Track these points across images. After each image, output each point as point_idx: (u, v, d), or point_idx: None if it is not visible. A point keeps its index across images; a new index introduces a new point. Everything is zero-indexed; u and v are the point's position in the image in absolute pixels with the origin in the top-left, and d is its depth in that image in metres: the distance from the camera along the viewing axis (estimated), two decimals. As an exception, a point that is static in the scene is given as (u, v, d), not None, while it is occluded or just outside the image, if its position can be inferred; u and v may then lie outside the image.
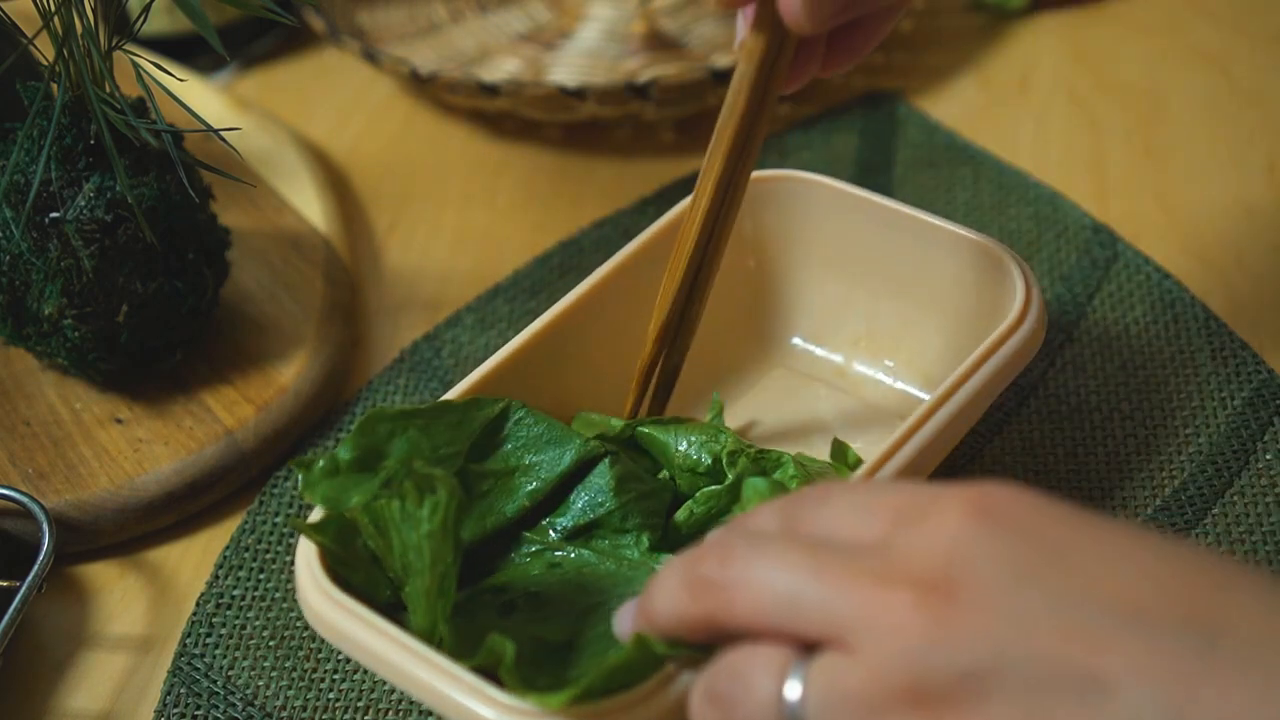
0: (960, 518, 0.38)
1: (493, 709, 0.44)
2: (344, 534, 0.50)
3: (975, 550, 0.37)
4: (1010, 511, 0.38)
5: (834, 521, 0.41)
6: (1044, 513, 0.38)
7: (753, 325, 0.65)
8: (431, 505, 0.47)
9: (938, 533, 0.38)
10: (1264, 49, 0.82)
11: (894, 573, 0.38)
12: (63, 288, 0.60)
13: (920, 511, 0.39)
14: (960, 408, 0.53)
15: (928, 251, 0.60)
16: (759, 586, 0.40)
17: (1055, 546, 0.37)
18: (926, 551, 0.38)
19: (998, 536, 0.38)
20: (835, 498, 0.41)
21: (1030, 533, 0.38)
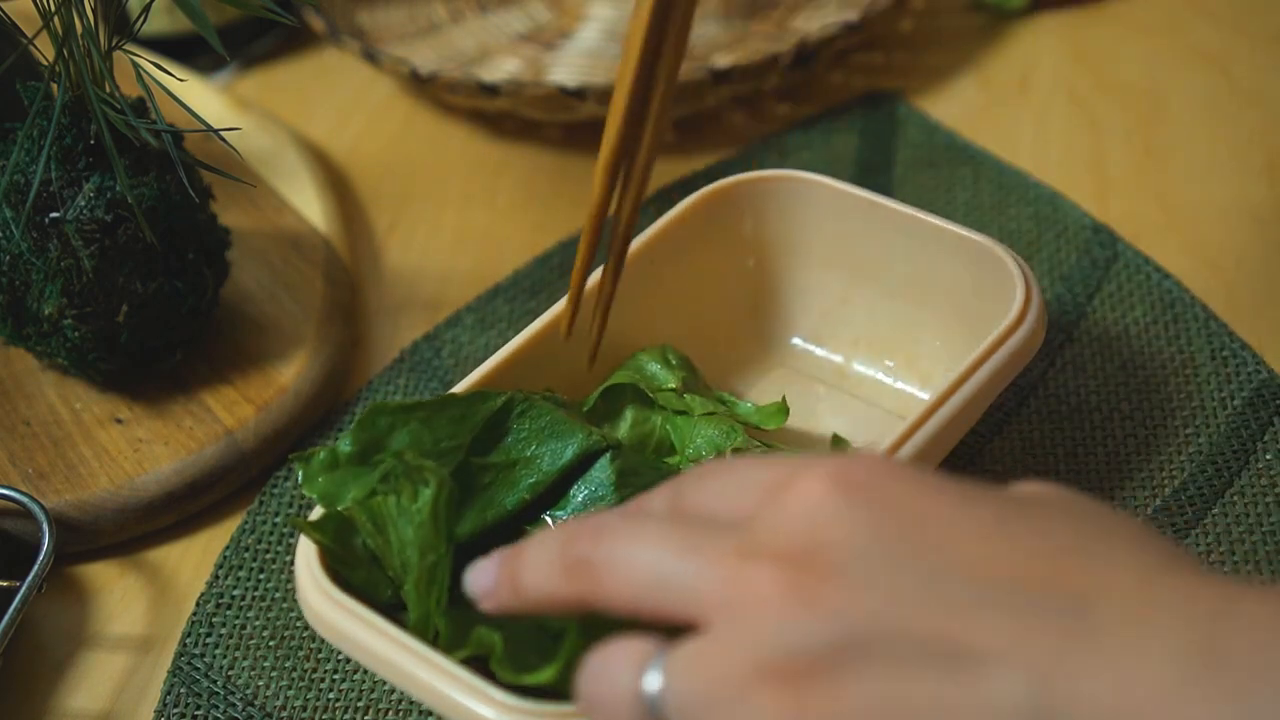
0: (822, 490, 0.37)
1: (492, 708, 0.44)
2: (343, 533, 0.50)
3: (837, 522, 0.37)
4: (872, 482, 0.37)
5: (712, 499, 0.40)
6: (906, 482, 0.38)
7: (753, 325, 0.65)
8: (420, 496, 0.48)
9: (800, 505, 0.37)
10: (1264, 49, 0.82)
11: (755, 547, 0.37)
12: (63, 288, 0.60)
13: (784, 485, 0.38)
14: (960, 408, 0.53)
15: (928, 252, 0.60)
16: (625, 565, 0.39)
17: (920, 517, 0.37)
18: (788, 525, 0.37)
19: (860, 507, 0.37)
20: (714, 475, 0.41)
21: (893, 503, 0.37)
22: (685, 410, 0.57)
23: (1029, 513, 0.37)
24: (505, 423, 0.54)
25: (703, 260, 0.63)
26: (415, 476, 0.48)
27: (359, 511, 0.49)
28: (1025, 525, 0.37)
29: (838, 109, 0.80)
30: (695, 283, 0.63)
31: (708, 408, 0.57)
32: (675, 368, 0.59)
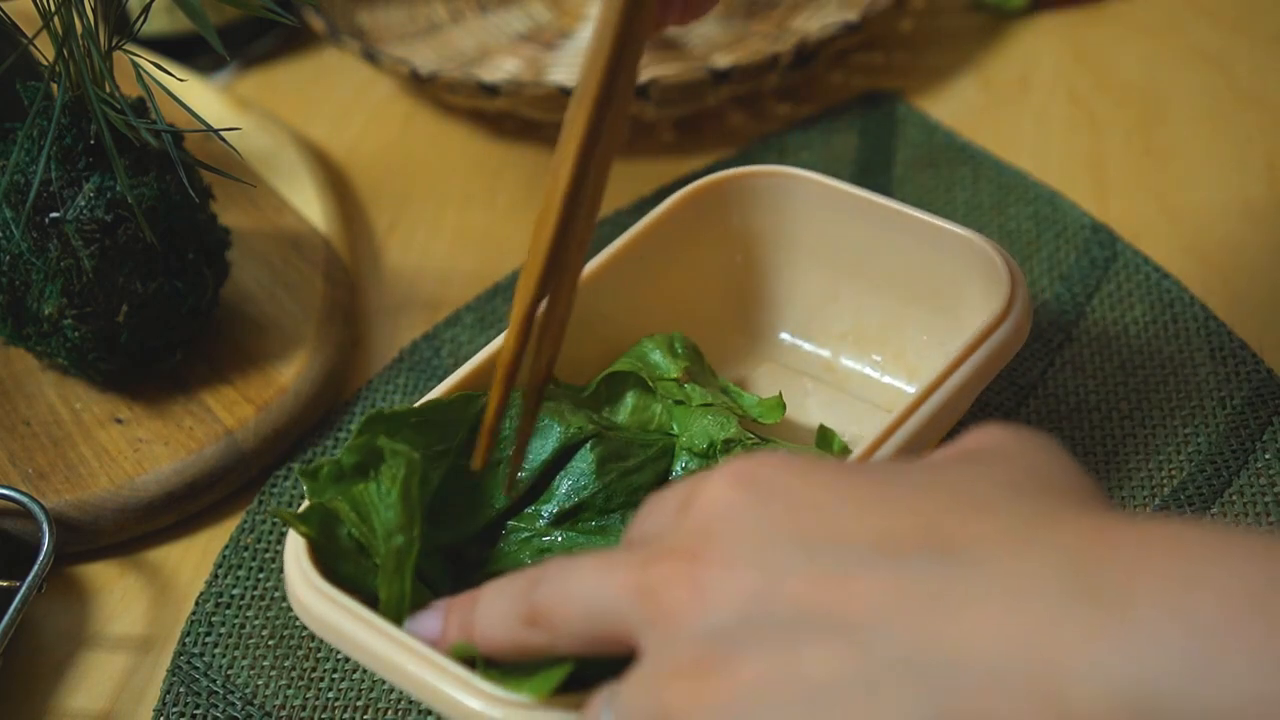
0: (721, 489, 0.38)
1: (479, 700, 0.44)
2: (328, 524, 0.50)
3: (729, 515, 0.38)
4: (764, 475, 0.38)
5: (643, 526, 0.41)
6: (801, 473, 0.38)
7: (740, 320, 0.65)
8: (391, 478, 0.48)
9: (701, 508, 0.38)
10: (1264, 49, 0.82)
11: (659, 553, 0.38)
12: (63, 288, 0.60)
13: (692, 493, 0.39)
14: (945, 401, 0.53)
15: (914, 246, 0.61)
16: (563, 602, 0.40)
17: (807, 500, 0.37)
18: (688, 526, 0.38)
19: (750, 498, 0.38)
20: (649, 503, 0.42)
21: (782, 490, 0.38)
22: (684, 400, 0.58)
23: (926, 475, 0.38)
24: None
25: (691, 255, 0.63)
26: (391, 461, 0.49)
27: (342, 502, 0.50)
28: (912, 491, 0.37)
29: (837, 109, 0.80)
30: (684, 277, 0.63)
31: (706, 399, 0.58)
32: (680, 356, 0.59)
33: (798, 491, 0.38)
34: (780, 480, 0.38)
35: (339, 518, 0.50)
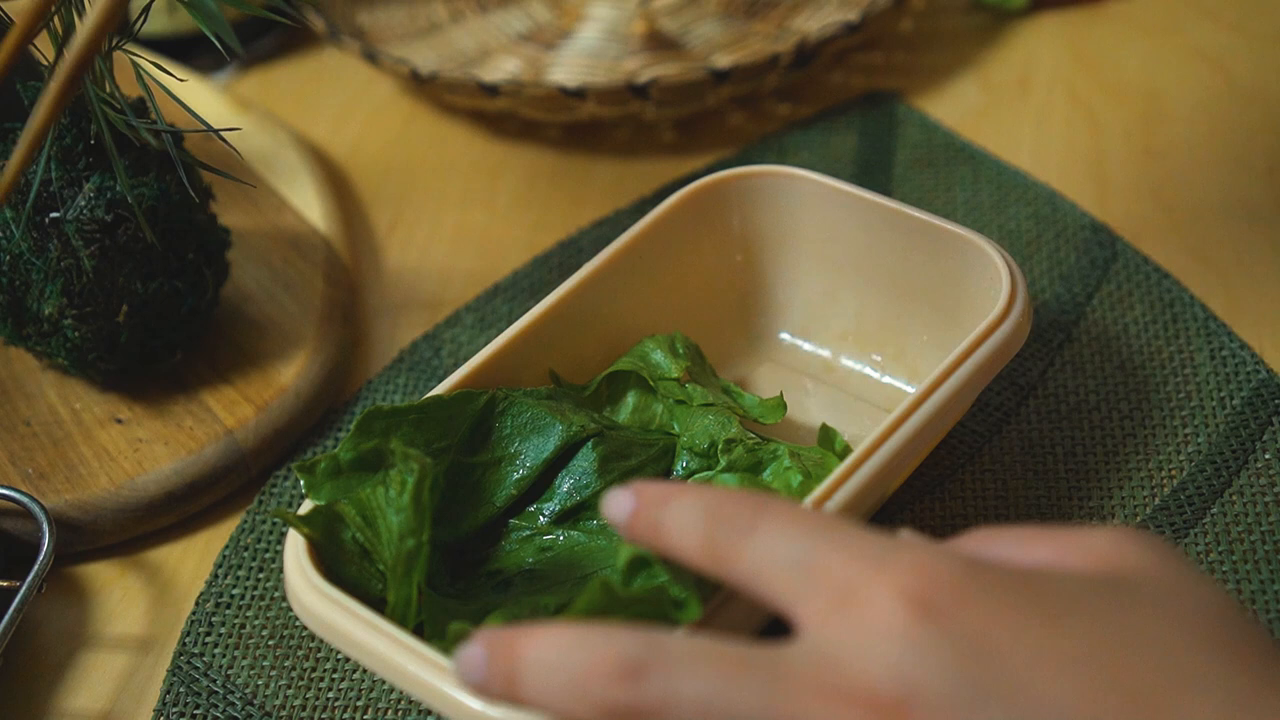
0: (895, 613, 0.36)
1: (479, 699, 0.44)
2: (333, 527, 0.50)
3: (923, 664, 0.36)
4: (950, 607, 0.37)
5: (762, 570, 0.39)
6: (984, 604, 0.37)
7: (740, 320, 0.65)
8: (401, 482, 0.48)
9: (876, 632, 0.36)
10: (1264, 49, 0.82)
11: (841, 687, 0.36)
12: (63, 288, 0.60)
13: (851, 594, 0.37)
14: (945, 401, 0.53)
15: (914, 246, 0.61)
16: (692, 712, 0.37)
17: (1003, 655, 0.36)
18: (872, 662, 0.36)
19: (942, 647, 0.36)
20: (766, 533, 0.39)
21: (975, 635, 0.36)
22: (685, 400, 0.58)
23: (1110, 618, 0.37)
24: (489, 420, 0.55)
25: (691, 255, 0.63)
26: (403, 465, 0.49)
27: (348, 505, 0.50)
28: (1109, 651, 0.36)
29: (837, 109, 0.80)
30: (684, 277, 0.63)
31: (707, 398, 0.58)
32: (681, 356, 0.59)
33: (991, 638, 0.36)
34: (969, 618, 0.36)
35: (343, 520, 0.50)
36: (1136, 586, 0.38)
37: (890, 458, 0.51)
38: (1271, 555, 0.56)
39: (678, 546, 0.41)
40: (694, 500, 0.41)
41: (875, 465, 0.51)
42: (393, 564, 0.48)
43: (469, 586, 0.53)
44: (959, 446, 0.61)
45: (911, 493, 0.60)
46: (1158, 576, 0.38)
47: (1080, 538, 0.39)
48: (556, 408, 0.56)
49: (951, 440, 0.62)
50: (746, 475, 0.55)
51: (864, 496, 0.50)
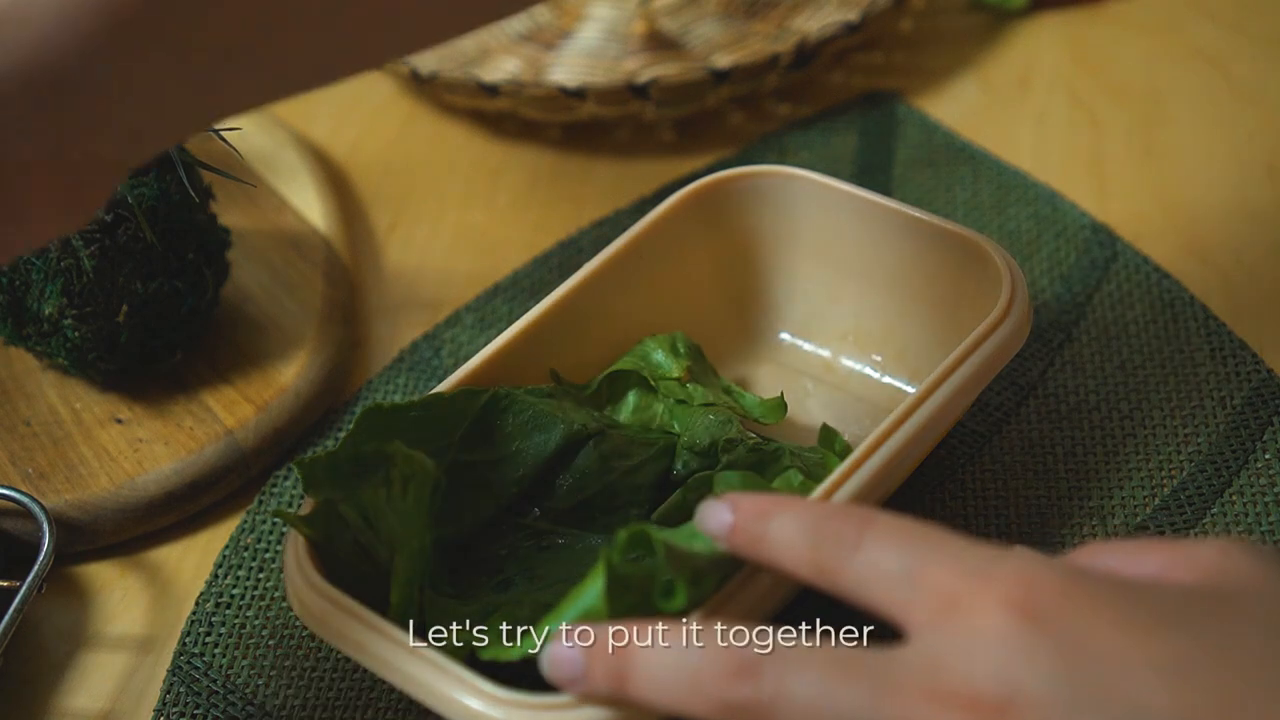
0: (1004, 620, 0.37)
1: (479, 700, 0.44)
2: (334, 528, 0.50)
3: (1026, 667, 0.37)
4: (1053, 612, 0.37)
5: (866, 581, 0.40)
6: (1087, 610, 0.38)
7: (740, 320, 0.65)
8: (403, 484, 0.48)
9: (982, 636, 0.37)
10: (1264, 49, 0.82)
11: (946, 690, 0.37)
12: (63, 288, 0.60)
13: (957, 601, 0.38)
14: (946, 401, 0.53)
15: (914, 246, 0.61)
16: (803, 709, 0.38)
17: (1104, 659, 0.37)
18: (975, 662, 0.37)
19: (1045, 651, 0.37)
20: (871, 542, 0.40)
21: (1078, 641, 0.37)
22: (685, 400, 0.58)
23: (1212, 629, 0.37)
24: (490, 419, 0.55)
25: (691, 255, 0.63)
26: (406, 468, 0.48)
27: (349, 506, 0.50)
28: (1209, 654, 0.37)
29: (837, 109, 0.80)
30: (683, 277, 0.63)
31: (708, 398, 0.58)
32: (682, 356, 0.59)
33: (1093, 643, 0.37)
34: (1072, 624, 0.37)
35: (344, 521, 0.50)
36: (1239, 597, 0.39)
37: (890, 458, 0.51)
38: (1271, 555, 0.56)
39: (782, 559, 0.42)
40: (796, 514, 0.42)
41: (875, 465, 0.51)
42: (396, 564, 0.48)
43: (469, 586, 0.53)
44: (959, 446, 0.61)
45: (911, 493, 0.60)
46: (1262, 588, 0.39)
47: (1187, 548, 0.40)
48: (558, 406, 0.56)
49: (951, 440, 0.62)
50: (749, 474, 0.55)
51: (864, 497, 0.50)
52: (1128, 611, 0.38)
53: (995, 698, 0.37)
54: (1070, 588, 0.38)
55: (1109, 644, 0.37)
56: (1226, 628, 0.38)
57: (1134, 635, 0.37)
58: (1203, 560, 0.40)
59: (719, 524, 0.44)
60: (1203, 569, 0.39)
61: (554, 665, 0.43)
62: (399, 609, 0.48)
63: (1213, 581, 0.39)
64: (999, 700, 0.37)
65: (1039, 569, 0.38)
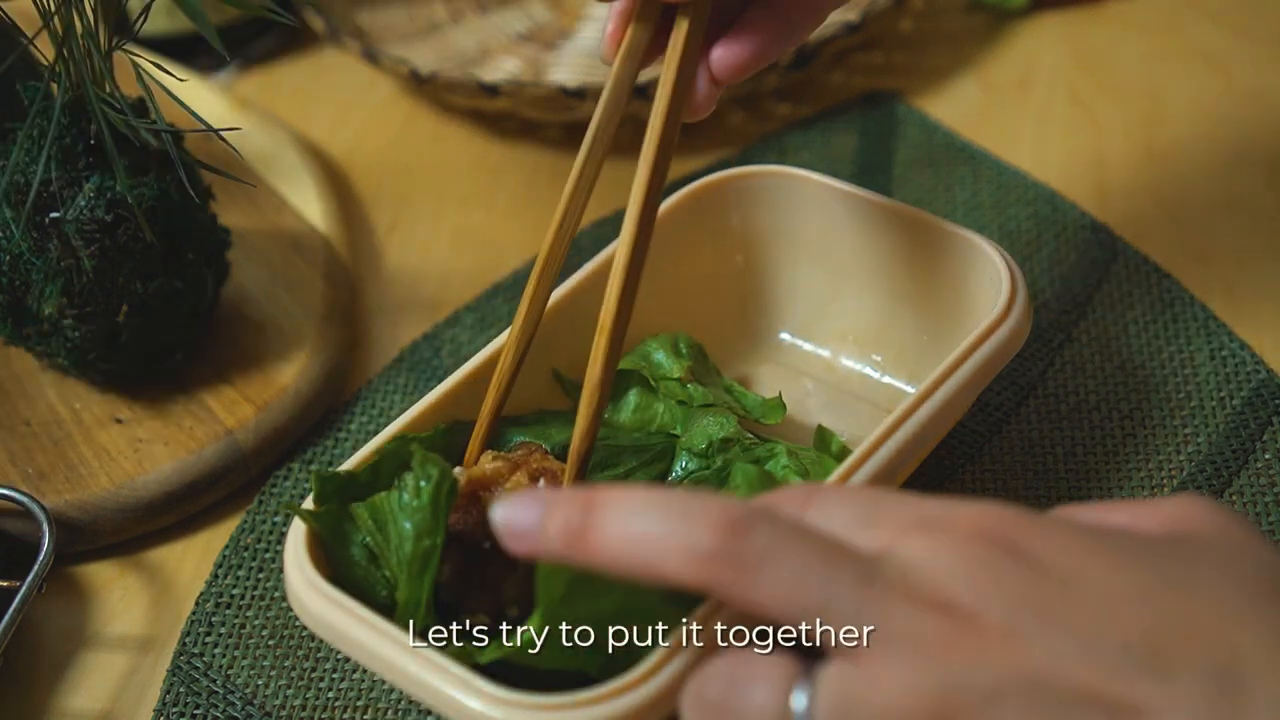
0: (971, 542, 0.38)
1: (479, 700, 0.44)
2: (342, 528, 0.50)
3: (994, 586, 0.37)
4: (1018, 538, 0.38)
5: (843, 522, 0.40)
6: (1051, 539, 0.38)
7: (740, 320, 0.65)
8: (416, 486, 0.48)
9: (952, 552, 0.38)
10: (1264, 49, 0.82)
11: (915, 590, 0.38)
12: (63, 288, 0.60)
13: (926, 522, 0.39)
14: (945, 401, 0.53)
15: (914, 246, 0.61)
16: (787, 578, 0.38)
17: (1074, 576, 0.38)
18: (950, 574, 0.38)
19: (1013, 568, 0.38)
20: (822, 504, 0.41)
21: (1043, 564, 0.38)
22: (685, 400, 0.58)
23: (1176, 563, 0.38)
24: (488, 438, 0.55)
25: (691, 255, 0.63)
26: (419, 470, 0.49)
27: (360, 508, 0.50)
28: (1172, 582, 0.38)
29: (837, 109, 0.80)
30: (684, 278, 0.63)
31: (708, 398, 0.58)
32: (684, 356, 0.60)
33: (1061, 564, 0.38)
34: (1040, 548, 0.38)
35: (354, 522, 0.50)
36: (1201, 542, 0.39)
37: (891, 458, 0.51)
38: (1271, 555, 0.56)
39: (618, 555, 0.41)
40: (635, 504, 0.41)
41: (875, 465, 0.51)
42: (407, 562, 0.48)
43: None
44: (959, 446, 0.61)
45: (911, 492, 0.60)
46: (1223, 538, 0.40)
47: (1152, 503, 0.41)
48: (543, 432, 0.56)
49: (951, 440, 0.61)
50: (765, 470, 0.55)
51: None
52: (1094, 546, 0.38)
53: (967, 609, 0.37)
54: (1038, 524, 0.39)
55: (1076, 571, 0.38)
56: (1189, 566, 0.38)
57: (1100, 565, 0.38)
58: (1166, 513, 0.41)
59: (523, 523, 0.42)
60: (1167, 520, 0.40)
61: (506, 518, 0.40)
62: (407, 607, 0.48)
63: (1177, 530, 0.40)
64: (970, 612, 0.37)
65: (1006, 508, 0.39)
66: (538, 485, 0.52)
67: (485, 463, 0.53)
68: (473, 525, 0.51)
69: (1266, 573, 0.38)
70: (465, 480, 0.51)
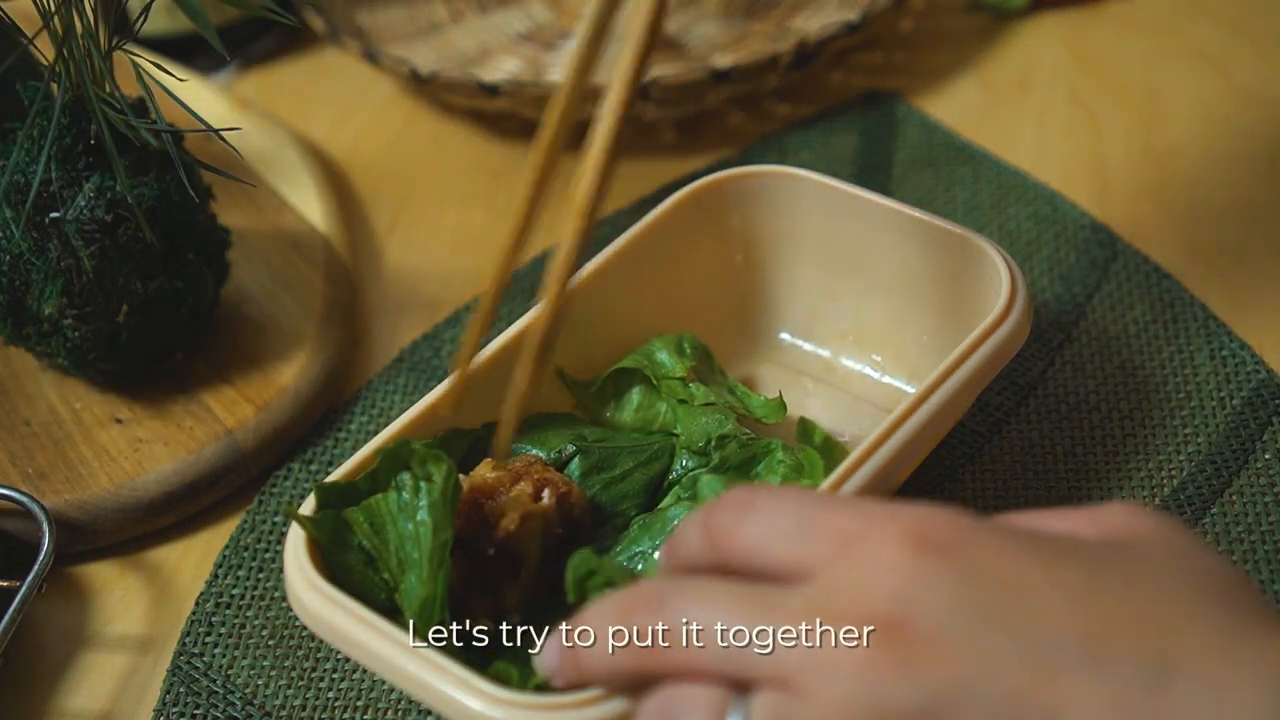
0: (899, 549, 0.38)
1: (479, 700, 0.44)
2: (340, 534, 0.50)
3: (922, 587, 0.37)
4: (950, 542, 0.38)
5: (760, 541, 0.40)
6: (984, 543, 0.38)
7: (741, 320, 0.65)
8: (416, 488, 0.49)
9: (878, 565, 0.38)
10: (1264, 49, 0.82)
11: (838, 609, 0.38)
12: (63, 288, 0.60)
13: (855, 538, 0.39)
14: (945, 402, 0.53)
15: (914, 246, 0.61)
16: (699, 633, 0.39)
17: (1005, 580, 0.37)
18: (870, 587, 0.37)
19: (942, 572, 0.37)
20: (759, 512, 0.41)
21: (977, 566, 0.37)
22: (687, 399, 0.58)
23: (1114, 567, 0.38)
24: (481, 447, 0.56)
25: (691, 255, 0.63)
26: (419, 470, 0.49)
27: (356, 513, 0.50)
28: (1110, 584, 0.37)
29: (837, 109, 0.80)
30: (683, 278, 0.63)
31: (709, 398, 0.58)
32: (687, 356, 0.60)
33: (992, 568, 0.37)
34: (971, 553, 0.38)
35: (350, 527, 0.50)
36: (1139, 548, 0.39)
37: (890, 458, 0.51)
38: (1271, 555, 0.56)
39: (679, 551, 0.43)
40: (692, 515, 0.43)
41: (875, 465, 0.51)
42: (427, 556, 0.48)
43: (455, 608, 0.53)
44: (959, 446, 0.61)
45: (911, 493, 0.60)
46: (1165, 544, 0.39)
47: (1092, 511, 0.41)
48: (540, 439, 0.56)
49: (951, 440, 0.62)
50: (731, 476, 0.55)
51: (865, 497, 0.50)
52: (1030, 548, 0.38)
53: (890, 616, 0.37)
54: (972, 527, 0.39)
55: (1011, 571, 0.37)
56: (1127, 569, 0.38)
57: (1037, 566, 0.38)
58: (1106, 520, 0.40)
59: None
60: (1107, 528, 0.40)
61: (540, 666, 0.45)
62: (425, 604, 0.48)
63: (1117, 537, 0.40)
64: (894, 619, 0.37)
65: (939, 510, 0.39)
66: (541, 497, 0.52)
67: (485, 471, 0.53)
68: (475, 531, 0.51)
69: (1207, 576, 0.38)
70: (467, 488, 0.51)
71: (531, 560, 0.51)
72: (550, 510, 0.52)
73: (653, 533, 0.54)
